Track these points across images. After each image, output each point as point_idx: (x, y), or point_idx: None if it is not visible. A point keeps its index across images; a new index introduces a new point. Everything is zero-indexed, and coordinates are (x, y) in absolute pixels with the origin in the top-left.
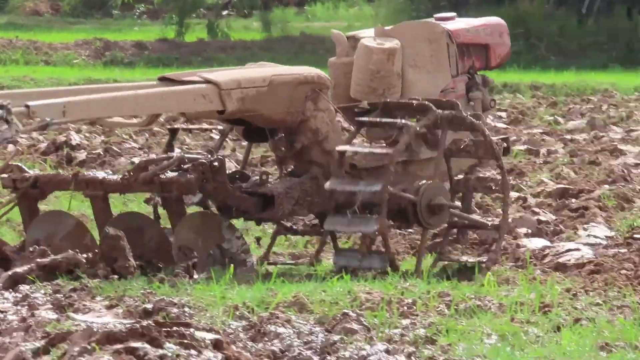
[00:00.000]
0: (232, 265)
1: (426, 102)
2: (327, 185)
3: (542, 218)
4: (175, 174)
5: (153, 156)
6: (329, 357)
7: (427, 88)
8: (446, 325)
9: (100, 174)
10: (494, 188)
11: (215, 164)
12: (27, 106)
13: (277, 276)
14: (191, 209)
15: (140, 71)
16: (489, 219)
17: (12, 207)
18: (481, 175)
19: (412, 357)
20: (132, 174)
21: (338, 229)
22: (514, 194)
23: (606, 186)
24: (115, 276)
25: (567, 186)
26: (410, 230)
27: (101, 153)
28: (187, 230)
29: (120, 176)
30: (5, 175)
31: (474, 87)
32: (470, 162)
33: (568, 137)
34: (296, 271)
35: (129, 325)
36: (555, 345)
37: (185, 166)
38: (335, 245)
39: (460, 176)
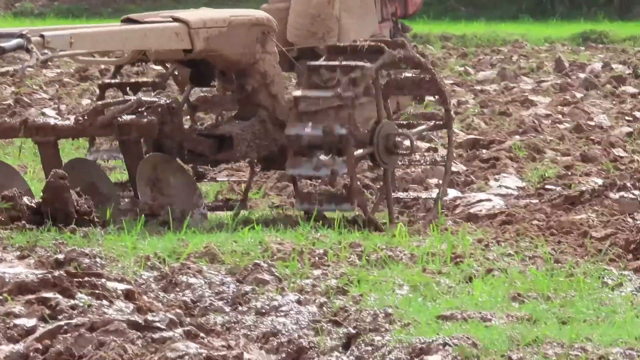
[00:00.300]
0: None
1: (379, 44)
2: (288, 130)
3: (453, 169)
4: (133, 116)
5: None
6: (240, 308)
7: (359, 33)
8: (358, 276)
9: (50, 120)
10: (437, 122)
11: (174, 105)
12: (42, 36)
13: (188, 226)
14: None
15: (50, 22)
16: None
17: None
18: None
19: (324, 308)
20: (86, 118)
21: (303, 173)
22: (424, 145)
23: (517, 137)
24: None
25: (477, 137)
26: None
27: (11, 104)
28: (167, 170)
29: (74, 121)
30: None
31: (397, 33)
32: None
33: (478, 87)
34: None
35: (40, 276)
36: (467, 295)
37: (143, 108)
38: (296, 190)
39: None
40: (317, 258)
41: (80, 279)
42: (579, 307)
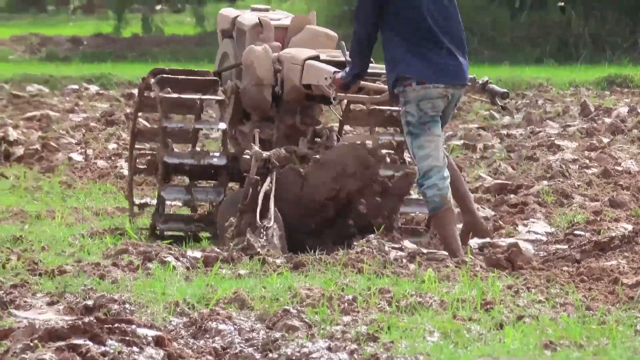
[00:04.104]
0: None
1: None
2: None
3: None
4: None
5: None
6: (270, 354)
7: None
8: (388, 322)
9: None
10: None
11: None
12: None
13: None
14: None
15: (77, 67)
16: None
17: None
18: None
19: (355, 355)
20: None
21: None
22: None
23: (545, 182)
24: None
25: (505, 182)
26: None
27: (39, 149)
28: None
29: None
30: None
31: None
32: None
33: (504, 132)
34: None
35: (70, 322)
36: (498, 343)
37: None
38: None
39: None
40: (346, 304)
41: (110, 325)
42: (613, 355)
